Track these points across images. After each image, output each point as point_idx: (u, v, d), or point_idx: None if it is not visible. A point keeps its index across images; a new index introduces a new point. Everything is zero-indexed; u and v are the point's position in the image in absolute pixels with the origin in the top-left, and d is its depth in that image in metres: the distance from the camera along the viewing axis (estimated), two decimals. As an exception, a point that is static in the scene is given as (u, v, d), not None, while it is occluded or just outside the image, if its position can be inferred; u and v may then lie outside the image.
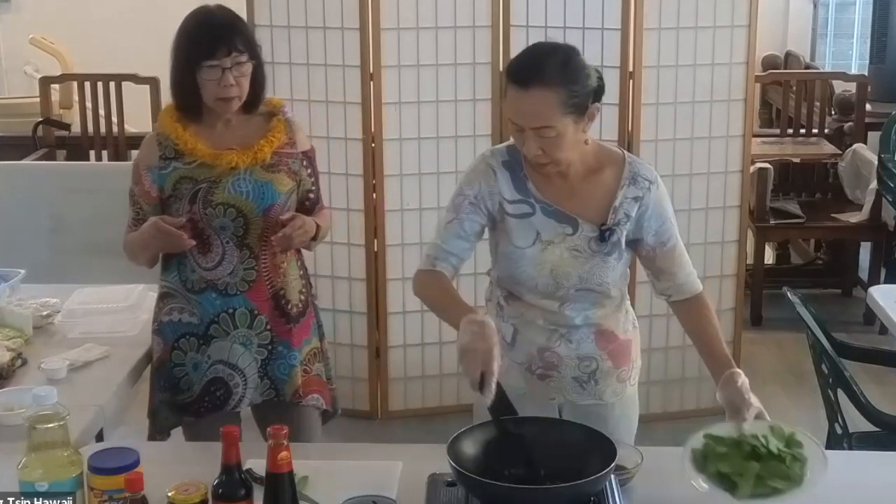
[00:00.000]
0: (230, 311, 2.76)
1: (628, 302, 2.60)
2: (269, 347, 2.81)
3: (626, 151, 2.52)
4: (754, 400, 2.25)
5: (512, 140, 2.45)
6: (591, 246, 2.42)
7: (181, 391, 2.80)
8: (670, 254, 2.48)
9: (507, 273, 2.49)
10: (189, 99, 2.70)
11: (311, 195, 2.86)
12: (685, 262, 2.51)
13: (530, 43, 4.10)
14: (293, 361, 2.83)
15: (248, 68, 2.67)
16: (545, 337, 2.48)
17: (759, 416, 2.22)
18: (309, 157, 2.85)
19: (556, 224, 2.41)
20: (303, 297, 2.87)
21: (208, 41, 2.63)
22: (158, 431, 2.85)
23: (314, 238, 2.80)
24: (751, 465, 2.12)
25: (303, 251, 2.91)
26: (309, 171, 2.84)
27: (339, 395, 3.08)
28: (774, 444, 2.15)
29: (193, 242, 2.66)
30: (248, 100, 2.72)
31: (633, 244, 2.48)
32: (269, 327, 2.80)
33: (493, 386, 2.13)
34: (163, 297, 2.83)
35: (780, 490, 2.09)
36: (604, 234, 2.41)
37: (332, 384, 2.99)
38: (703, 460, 2.15)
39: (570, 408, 2.52)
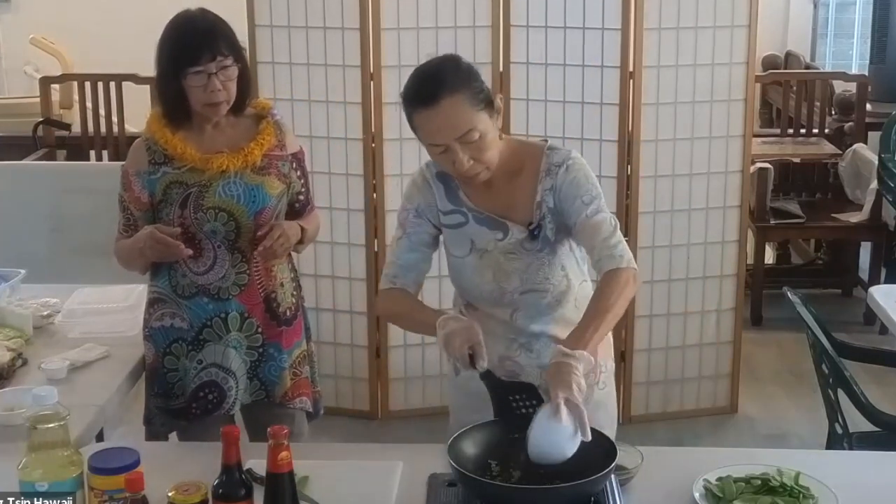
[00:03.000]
0: (223, 315, 2.76)
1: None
2: (260, 350, 2.81)
3: (547, 142, 2.46)
4: (566, 387, 2.07)
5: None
6: (524, 246, 2.41)
7: (175, 396, 2.81)
8: (583, 229, 2.35)
9: (456, 283, 2.51)
10: (176, 106, 2.68)
11: (301, 198, 2.85)
12: (600, 239, 2.32)
13: (531, 43, 4.18)
14: (283, 364, 2.83)
15: (233, 71, 2.65)
16: (504, 346, 2.46)
17: (569, 401, 2.06)
18: (298, 158, 2.83)
19: (487, 231, 2.42)
20: (294, 300, 2.87)
21: (192, 47, 2.60)
22: (154, 437, 2.85)
23: (301, 241, 2.79)
24: (763, 499, 2.14)
25: (293, 253, 2.91)
26: (298, 173, 2.83)
27: (324, 396, 3.07)
28: (788, 480, 2.18)
29: (190, 252, 2.65)
30: (235, 102, 2.71)
31: (563, 231, 2.41)
32: (260, 330, 2.80)
33: (484, 352, 2.16)
34: (153, 303, 2.82)
35: None
36: (533, 233, 2.40)
37: (317, 386, 2.99)
38: (718, 500, 2.16)
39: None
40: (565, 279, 2.44)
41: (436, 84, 2.27)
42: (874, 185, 5.31)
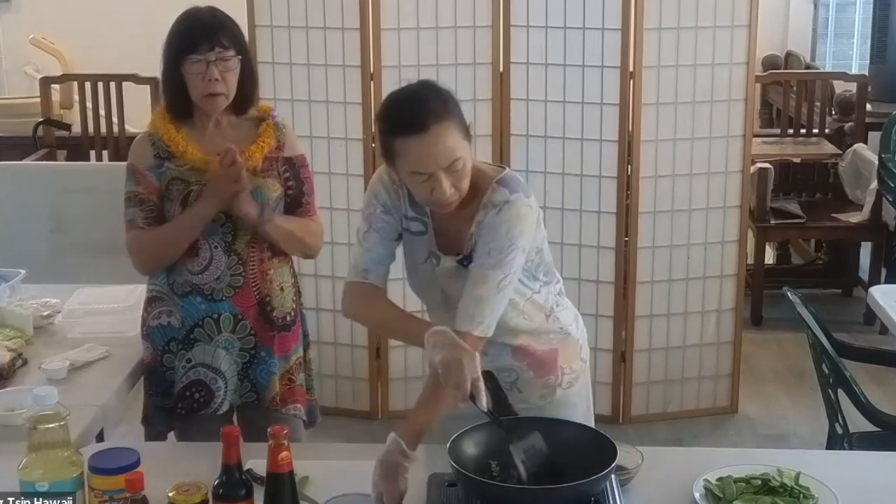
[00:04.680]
0: (215, 315, 2.75)
1: (558, 310, 2.50)
2: (252, 352, 2.79)
3: (503, 172, 2.38)
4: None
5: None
6: (459, 271, 2.37)
7: (170, 395, 2.80)
8: (471, 275, 2.30)
9: (411, 286, 2.49)
10: (178, 96, 2.69)
11: (287, 199, 2.79)
12: (476, 291, 2.27)
13: (530, 43, 4.18)
14: (273, 369, 2.81)
15: (234, 63, 2.65)
16: None
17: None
18: (292, 163, 2.79)
19: (437, 248, 2.40)
20: (294, 306, 2.86)
21: (191, 35, 2.63)
22: (154, 437, 2.85)
23: (262, 218, 2.68)
24: (763, 499, 2.14)
25: (294, 260, 2.89)
26: (288, 174, 2.78)
27: (324, 396, 3.06)
28: (787, 480, 2.18)
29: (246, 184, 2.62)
30: (238, 99, 2.71)
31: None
32: (252, 332, 2.78)
33: (483, 390, 2.10)
34: (151, 301, 2.81)
35: None
36: (462, 263, 2.36)
37: (313, 394, 2.97)
38: (718, 500, 2.16)
39: None
40: (511, 299, 2.37)
41: (424, 111, 2.23)
42: (874, 185, 5.31)
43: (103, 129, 5.94)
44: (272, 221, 2.71)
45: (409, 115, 2.24)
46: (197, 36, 2.63)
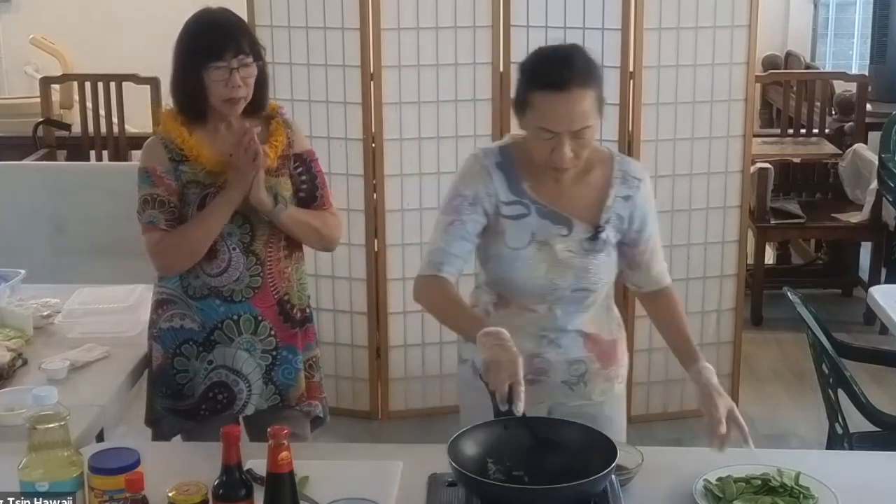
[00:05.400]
0: (235, 317, 2.75)
1: (612, 301, 2.60)
2: (274, 353, 2.79)
3: (612, 150, 2.53)
4: (721, 400, 2.29)
5: (503, 142, 2.46)
6: (583, 246, 2.42)
7: (185, 397, 2.79)
8: (650, 249, 2.51)
9: (501, 276, 2.47)
10: (194, 102, 2.67)
11: (302, 195, 2.80)
12: (661, 257, 2.56)
13: (530, 43, 4.18)
14: (298, 365, 2.83)
15: (253, 70, 2.65)
16: (534, 343, 2.47)
17: (731, 414, 2.26)
18: (304, 159, 2.81)
19: (550, 225, 2.41)
20: (308, 302, 2.87)
21: (216, 42, 2.61)
22: (162, 439, 2.83)
23: (276, 204, 2.69)
24: (763, 499, 2.14)
25: (303, 258, 2.89)
26: (301, 170, 2.80)
27: (330, 400, 3.05)
28: (788, 480, 2.18)
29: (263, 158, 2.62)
30: (252, 102, 2.70)
31: (620, 241, 2.49)
32: (273, 333, 2.78)
33: (523, 395, 2.11)
34: (161, 304, 2.79)
35: None
36: (597, 234, 2.42)
37: (323, 391, 2.97)
38: (718, 500, 2.17)
39: (559, 409, 2.51)
40: (608, 283, 2.51)
41: (570, 71, 2.26)
42: (874, 185, 5.31)
43: (103, 129, 5.93)
44: (288, 212, 2.71)
45: (555, 71, 2.27)
46: (221, 42, 2.60)
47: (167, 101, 2.78)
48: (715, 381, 2.33)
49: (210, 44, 2.61)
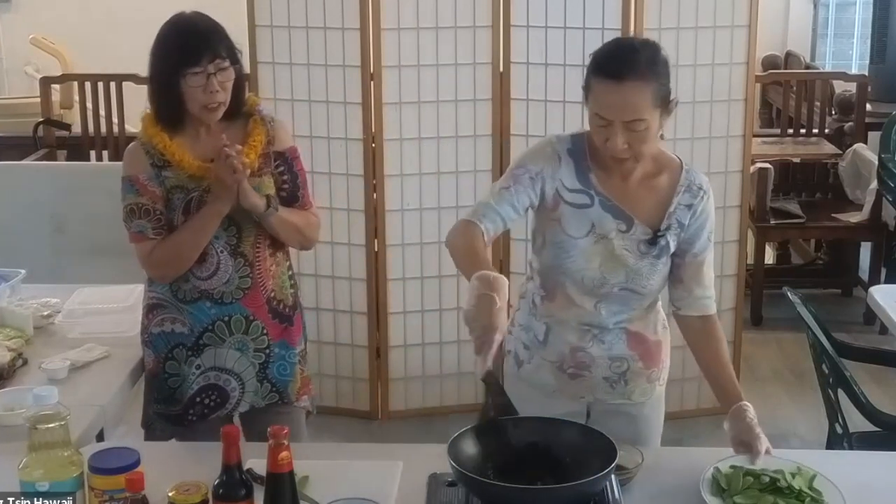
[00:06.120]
0: (225, 318, 2.74)
1: (659, 303, 2.59)
2: (267, 351, 2.79)
3: (682, 159, 2.52)
4: (763, 437, 2.30)
5: (577, 131, 2.47)
6: (640, 248, 2.42)
7: (175, 402, 2.78)
8: (698, 267, 2.48)
9: (554, 263, 2.45)
10: (172, 108, 2.64)
11: (283, 194, 2.76)
12: (708, 281, 2.50)
13: (530, 43, 4.18)
14: (293, 360, 2.83)
15: (230, 74, 2.63)
16: (577, 336, 2.48)
17: (767, 453, 2.28)
18: (284, 157, 2.76)
19: (612, 219, 2.41)
20: (292, 298, 2.85)
21: (192, 48, 2.58)
22: (155, 440, 2.84)
23: (269, 206, 2.67)
24: (766, 497, 2.14)
25: (291, 251, 2.88)
26: (281, 168, 2.76)
27: (324, 396, 3.04)
28: (798, 483, 2.18)
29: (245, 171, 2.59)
30: (231, 106, 2.67)
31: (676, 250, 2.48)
32: (265, 332, 2.78)
33: (491, 355, 2.07)
34: (152, 309, 2.78)
35: None
36: (656, 238, 2.42)
37: (311, 384, 2.97)
38: (721, 491, 2.17)
39: (599, 406, 2.52)
40: (659, 289, 2.50)
41: (629, 64, 2.28)
42: (874, 185, 5.31)
43: (103, 129, 5.94)
44: (278, 214, 2.70)
45: (614, 60, 2.31)
46: (197, 48, 2.58)
47: (146, 105, 2.74)
48: (754, 424, 2.34)
49: (186, 49, 2.59)
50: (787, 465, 2.23)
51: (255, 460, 2.09)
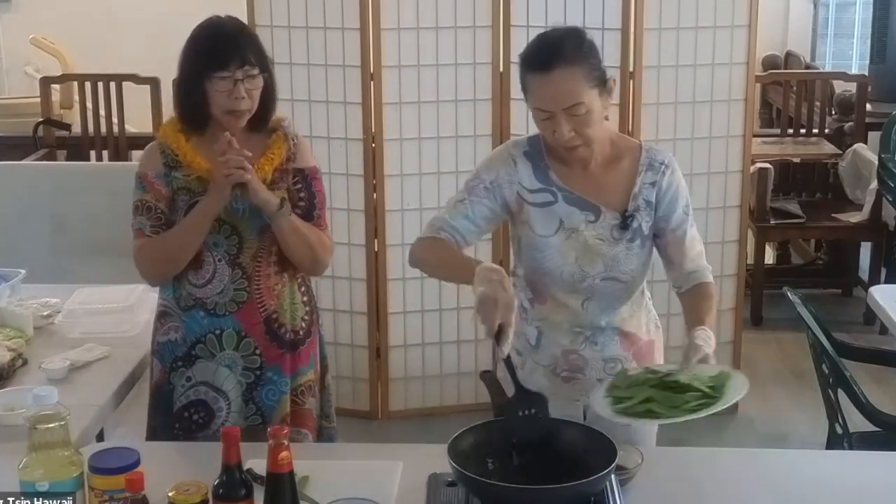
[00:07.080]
0: (217, 331, 2.67)
1: (650, 302, 2.61)
2: (258, 372, 2.69)
3: (641, 141, 2.55)
4: (701, 348, 2.27)
5: (534, 133, 2.47)
6: (613, 234, 2.44)
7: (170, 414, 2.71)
8: (680, 242, 2.49)
9: (533, 265, 2.48)
10: (195, 110, 2.61)
11: (298, 211, 2.68)
12: (695, 254, 2.51)
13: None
14: (284, 388, 2.71)
15: (259, 82, 2.59)
16: (570, 339, 2.49)
17: (702, 360, 2.27)
18: (303, 174, 2.71)
19: (578, 212, 2.43)
20: (304, 325, 2.76)
21: (220, 52, 2.54)
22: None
23: (281, 208, 2.60)
24: (644, 389, 2.20)
25: (308, 280, 2.79)
26: (299, 185, 2.70)
27: (338, 432, 2.90)
28: (690, 380, 2.20)
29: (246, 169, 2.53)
30: (256, 116, 2.63)
31: (655, 231, 2.49)
32: (258, 352, 2.69)
33: (511, 337, 2.15)
34: (161, 317, 2.73)
35: (657, 414, 2.18)
36: (626, 221, 2.43)
37: (331, 422, 2.86)
38: (615, 398, 2.24)
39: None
40: (641, 275, 2.52)
41: (554, 52, 2.31)
42: (874, 185, 5.31)
43: (103, 129, 5.94)
44: (291, 220, 2.62)
45: (539, 54, 2.35)
46: (226, 52, 2.54)
47: (171, 108, 2.72)
48: (700, 337, 2.30)
49: (214, 53, 2.55)
50: (709, 369, 2.25)
51: (255, 460, 2.09)
